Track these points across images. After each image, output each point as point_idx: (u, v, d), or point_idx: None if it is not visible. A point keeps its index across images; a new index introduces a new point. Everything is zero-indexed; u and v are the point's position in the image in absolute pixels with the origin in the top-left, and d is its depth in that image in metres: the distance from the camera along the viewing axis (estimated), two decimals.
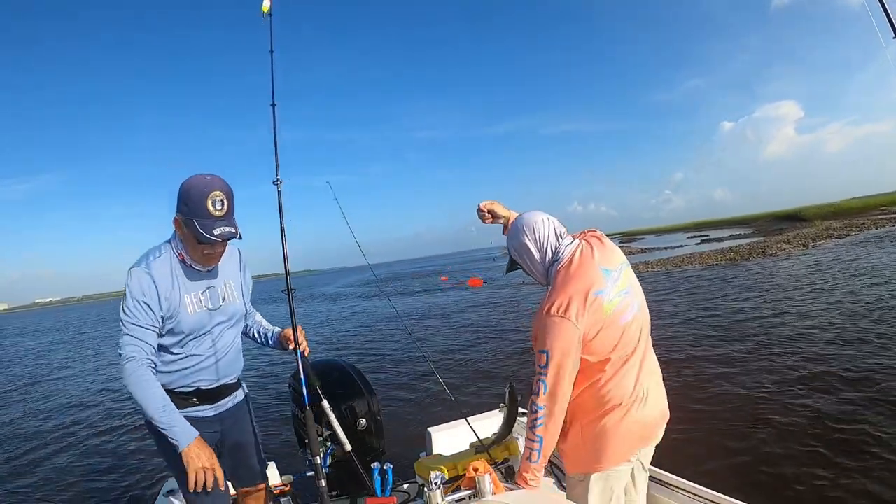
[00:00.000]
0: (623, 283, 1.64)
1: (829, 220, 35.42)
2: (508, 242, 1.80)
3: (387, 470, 2.41)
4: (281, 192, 2.35)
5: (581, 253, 1.65)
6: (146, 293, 1.65)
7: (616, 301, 1.58)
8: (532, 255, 1.71)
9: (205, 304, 1.79)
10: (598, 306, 1.54)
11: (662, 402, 1.71)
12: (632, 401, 1.60)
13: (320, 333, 15.85)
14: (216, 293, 1.83)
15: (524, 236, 1.72)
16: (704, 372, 6.39)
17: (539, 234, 1.70)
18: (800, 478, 3.67)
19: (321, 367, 2.91)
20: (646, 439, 1.66)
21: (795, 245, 21.56)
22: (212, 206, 1.62)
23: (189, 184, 1.65)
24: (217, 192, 1.64)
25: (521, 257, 1.76)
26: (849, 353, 6.23)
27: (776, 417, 4.70)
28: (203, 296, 1.79)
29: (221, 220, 1.64)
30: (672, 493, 2.11)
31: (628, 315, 1.61)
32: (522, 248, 1.73)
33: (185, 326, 1.73)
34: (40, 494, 5.44)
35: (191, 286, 1.77)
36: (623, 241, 57.37)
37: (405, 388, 7.81)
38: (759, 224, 47.25)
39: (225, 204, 1.65)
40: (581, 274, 1.60)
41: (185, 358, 1.77)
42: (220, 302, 1.84)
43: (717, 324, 9.08)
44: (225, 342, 1.87)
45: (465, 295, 22.25)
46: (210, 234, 1.62)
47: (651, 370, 1.70)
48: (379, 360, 10.31)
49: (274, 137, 2.39)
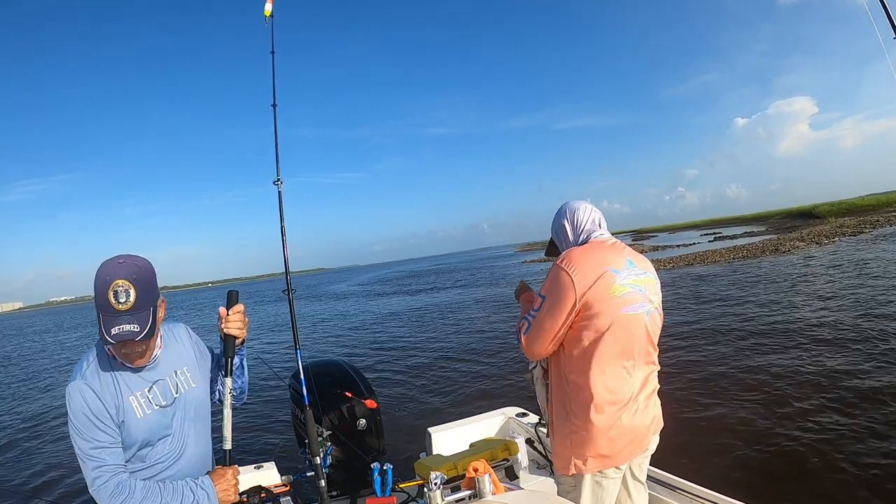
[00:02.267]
0: (641, 281, 1.63)
1: (842, 217, 35.08)
2: (552, 224, 1.84)
3: (387, 470, 2.41)
4: (281, 192, 2.36)
5: (615, 242, 1.70)
6: (93, 409, 1.40)
7: (626, 288, 1.57)
8: (567, 237, 1.76)
9: (154, 402, 1.51)
10: (607, 282, 1.55)
11: (654, 412, 1.69)
12: (624, 406, 1.58)
13: (321, 333, 15.85)
14: (166, 386, 1.55)
15: (564, 219, 1.77)
16: (710, 371, 6.36)
17: (579, 218, 1.74)
18: (802, 479, 3.67)
19: (321, 367, 2.92)
20: (635, 447, 1.64)
21: (809, 243, 21.43)
22: (113, 299, 1.34)
23: (98, 270, 1.38)
24: (120, 282, 1.35)
25: (558, 237, 1.81)
26: (858, 355, 6.19)
27: (780, 418, 4.68)
28: (151, 393, 1.51)
29: (123, 316, 1.35)
30: (672, 493, 2.11)
31: (634, 308, 1.59)
32: (560, 230, 1.78)
33: (137, 435, 1.46)
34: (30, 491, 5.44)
35: (134, 385, 1.49)
36: (635, 239, 57.52)
37: (405, 389, 7.81)
38: (772, 221, 47.12)
39: (131, 295, 1.35)
40: (605, 250, 1.64)
41: (145, 469, 1.50)
42: (173, 395, 1.55)
43: (727, 321, 9.02)
44: (191, 438, 1.60)
45: (470, 294, 22.28)
46: (107, 333, 1.34)
47: (647, 381, 1.67)
48: (379, 359, 10.31)
49: (275, 138, 2.41)
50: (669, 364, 6.61)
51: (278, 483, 2.62)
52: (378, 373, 8.89)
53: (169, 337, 1.63)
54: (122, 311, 1.35)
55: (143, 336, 1.37)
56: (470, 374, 8.14)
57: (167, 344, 1.61)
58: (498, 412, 3.06)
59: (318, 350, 12.55)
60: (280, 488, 2.50)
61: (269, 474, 2.60)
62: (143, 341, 1.40)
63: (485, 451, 2.43)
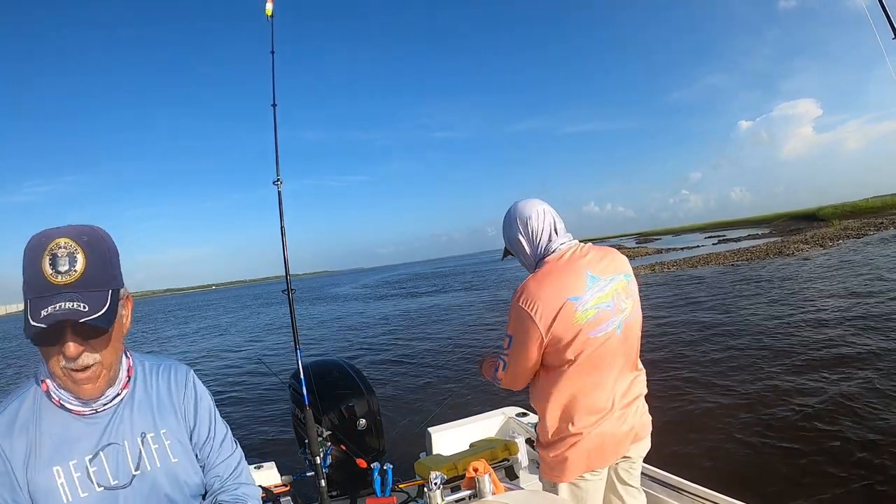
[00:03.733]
0: (607, 295, 1.53)
1: (846, 219, 35.00)
2: (503, 231, 1.72)
3: (387, 470, 2.41)
4: (281, 192, 2.36)
5: (573, 253, 1.56)
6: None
7: (591, 312, 1.50)
8: (524, 250, 1.64)
9: (97, 478, 0.93)
10: (569, 313, 1.48)
11: (634, 421, 1.63)
12: (602, 416, 1.56)
13: (323, 333, 15.86)
14: (121, 456, 0.96)
15: (517, 232, 1.64)
16: (711, 371, 6.33)
17: (533, 229, 1.60)
18: (803, 481, 3.66)
19: (321, 366, 2.92)
20: (609, 453, 1.61)
21: (813, 245, 21.40)
22: (49, 267, 0.85)
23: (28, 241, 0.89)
24: (62, 241, 0.87)
25: (513, 248, 1.70)
26: (860, 356, 6.17)
27: (782, 421, 4.66)
28: (94, 464, 0.94)
29: (64, 293, 0.85)
30: (672, 493, 2.11)
31: (603, 328, 1.52)
32: (515, 243, 1.66)
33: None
34: None
35: (68, 448, 0.93)
36: (639, 242, 57.45)
37: (405, 388, 7.80)
38: (776, 224, 46.98)
39: (77, 262, 0.87)
40: (562, 274, 1.52)
41: None
42: (130, 471, 0.96)
43: (727, 324, 9.01)
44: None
45: (472, 296, 22.28)
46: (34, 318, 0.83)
47: (628, 388, 1.63)
48: (380, 360, 10.31)
49: (274, 138, 2.41)
50: (671, 364, 6.58)
51: (278, 483, 2.63)
52: (378, 373, 8.88)
53: (147, 378, 1.05)
54: (63, 286, 0.85)
55: (93, 317, 0.84)
56: (470, 373, 8.13)
57: (140, 386, 1.03)
58: (498, 412, 3.06)
59: (320, 350, 12.55)
60: (280, 488, 2.50)
61: (269, 474, 2.60)
62: (92, 334, 0.88)
63: (485, 451, 2.43)
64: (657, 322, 10.02)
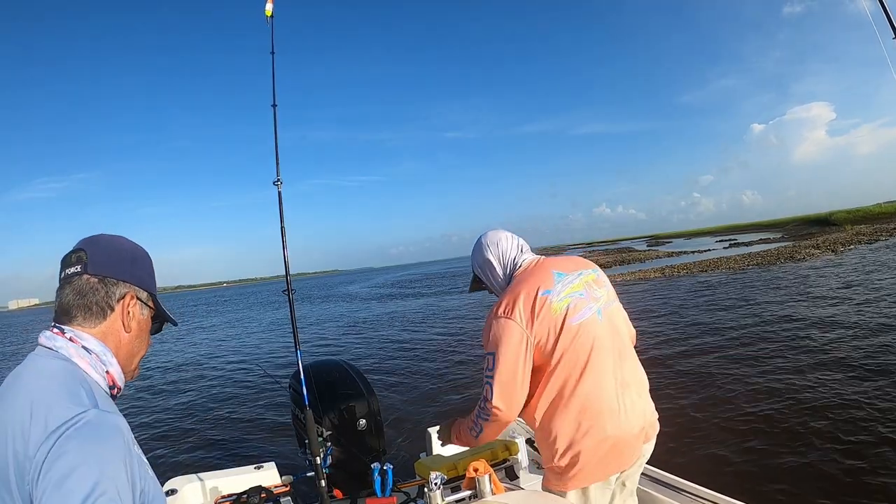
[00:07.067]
0: (578, 285, 1.59)
1: (859, 224, 35.16)
2: (472, 259, 1.79)
3: (387, 470, 2.41)
4: (281, 192, 2.36)
5: (538, 262, 1.67)
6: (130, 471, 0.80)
7: (566, 301, 1.54)
8: (495, 270, 1.71)
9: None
10: (546, 305, 1.51)
11: (643, 416, 1.59)
12: (604, 415, 1.50)
13: (326, 333, 15.88)
14: None
15: (488, 252, 1.72)
16: (718, 374, 6.31)
17: (502, 249, 1.70)
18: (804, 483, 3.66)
19: (321, 367, 2.92)
20: (622, 458, 1.55)
21: (824, 250, 21.44)
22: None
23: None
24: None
25: (484, 273, 1.75)
26: (866, 358, 6.19)
27: (786, 423, 4.65)
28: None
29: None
30: (671, 493, 2.11)
31: (582, 314, 1.54)
32: (486, 264, 1.72)
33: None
34: None
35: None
36: (650, 245, 57.54)
37: (406, 389, 7.81)
38: (788, 228, 47.14)
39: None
40: (531, 277, 1.59)
41: None
42: None
43: (735, 329, 8.94)
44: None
45: (478, 296, 22.23)
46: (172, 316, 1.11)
47: (627, 381, 1.58)
48: (380, 360, 10.32)
49: (274, 138, 2.41)
50: (674, 365, 6.59)
51: (278, 483, 2.63)
52: (379, 373, 8.89)
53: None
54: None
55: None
56: (471, 373, 8.14)
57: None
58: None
59: (323, 350, 12.55)
60: (280, 488, 2.50)
61: (269, 474, 2.60)
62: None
63: (485, 451, 2.43)
64: (663, 324, 10.03)
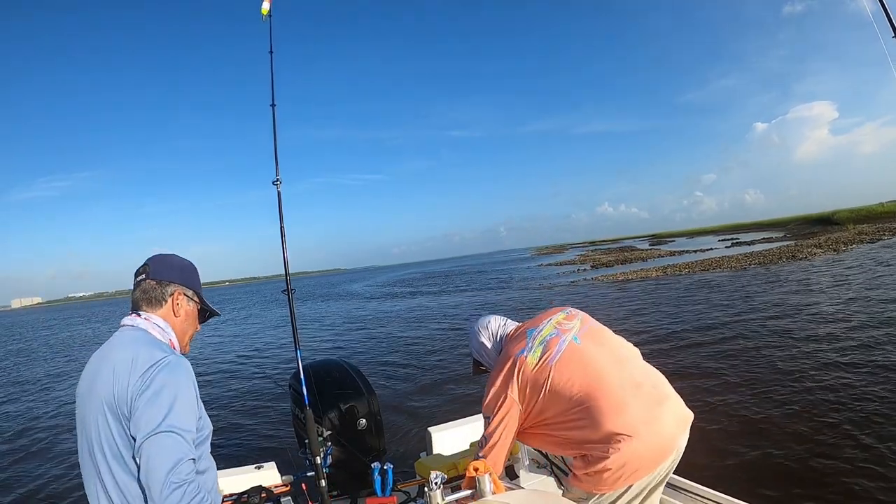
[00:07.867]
0: (547, 330, 1.77)
1: (861, 223, 35.10)
2: (470, 346, 2.00)
3: (387, 470, 2.40)
4: (280, 192, 2.36)
5: (516, 328, 1.90)
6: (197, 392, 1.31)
7: (539, 349, 1.71)
8: (487, 348, 1.92)
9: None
10: (524, 366, 1.69)
11: (673, 414, 1.63)
12: (632, 427, 1.53)
13: (324, 333, 15.87)
14: None
15: (480, 336, 1.95)
16: (720, 375, 6.32)
17: (492, 329, 1.94)
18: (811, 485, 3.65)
19: (321, 367, 2.91)
20: (657, 460, 1.58)
21: (827, 249, 21.47)
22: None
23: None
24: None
25: (480, 356, 1.96)
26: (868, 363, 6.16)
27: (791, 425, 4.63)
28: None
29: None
30: (683, 496, 2.10)
31: (559, 349, 1.69)
32: (480, 347, 1.94)
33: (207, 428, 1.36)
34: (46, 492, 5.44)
35: None
36: (653, 244, 57.54)
37: (406, 389, 7.81)
38: (791, 227, 47.10)
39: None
40: (510, 343, 1.82)
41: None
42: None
43: (735, 328, 8.97)
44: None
45: (481, 296, 22.30)
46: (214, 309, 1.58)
47: (638, 381, 1.64)
48: (381, 359, 10.31)
49: (273, 138, 2.41)
50: (678, 366, 6.58)
51: (278, 483, 2.62)
52: (379, 373, 8.89)
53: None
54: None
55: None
56: (471, 373, 8.14)
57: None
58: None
59: (322, 349, 12.55)
60: (280, 488, 2.50)
61: (269, 474, 2.60)
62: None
63: None
64: (663, 322, 10.03)
